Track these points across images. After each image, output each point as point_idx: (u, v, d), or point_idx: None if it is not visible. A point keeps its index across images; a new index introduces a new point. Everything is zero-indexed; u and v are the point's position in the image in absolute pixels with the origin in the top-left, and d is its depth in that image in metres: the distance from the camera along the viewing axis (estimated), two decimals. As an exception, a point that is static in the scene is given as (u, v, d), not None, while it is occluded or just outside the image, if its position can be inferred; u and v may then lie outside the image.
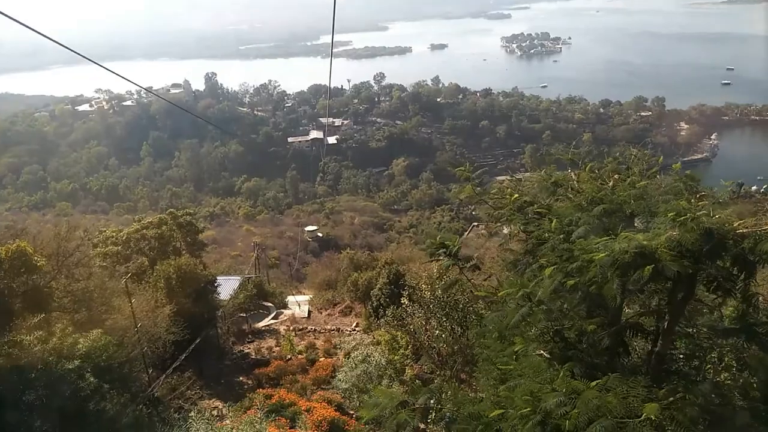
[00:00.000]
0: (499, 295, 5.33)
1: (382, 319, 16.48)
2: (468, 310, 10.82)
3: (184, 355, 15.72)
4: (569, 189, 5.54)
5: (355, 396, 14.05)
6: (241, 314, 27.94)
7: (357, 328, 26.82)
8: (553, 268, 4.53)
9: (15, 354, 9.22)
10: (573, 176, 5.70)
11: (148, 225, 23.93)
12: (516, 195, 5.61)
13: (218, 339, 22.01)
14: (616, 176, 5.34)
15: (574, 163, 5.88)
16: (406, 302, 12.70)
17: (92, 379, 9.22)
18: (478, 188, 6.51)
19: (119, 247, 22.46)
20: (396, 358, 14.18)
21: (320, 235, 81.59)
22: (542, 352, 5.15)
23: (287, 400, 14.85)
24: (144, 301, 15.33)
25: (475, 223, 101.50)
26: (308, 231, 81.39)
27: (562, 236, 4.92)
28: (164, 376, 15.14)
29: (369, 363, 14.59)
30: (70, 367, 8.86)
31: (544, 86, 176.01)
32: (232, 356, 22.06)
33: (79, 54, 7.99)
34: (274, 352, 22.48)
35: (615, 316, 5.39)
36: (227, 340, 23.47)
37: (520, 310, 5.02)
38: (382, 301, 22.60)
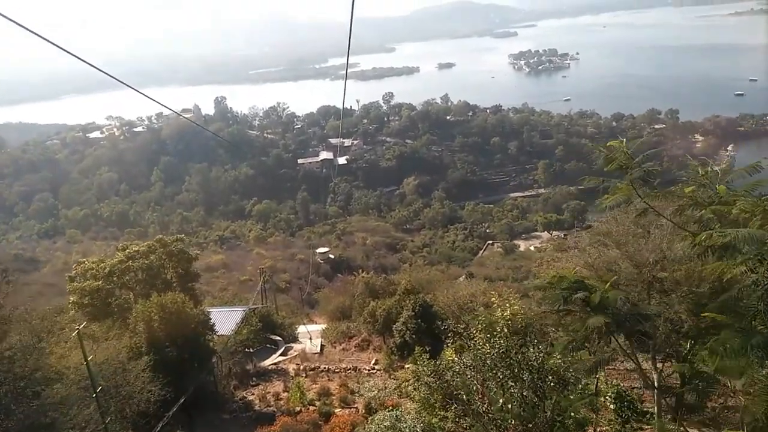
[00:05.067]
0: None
1: (408, 363, 13.24)
2: (545, 370, 7.65)
3: (165, 420, 12.55)
4: None
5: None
6: (248, 349, 24.84)
7: (376, 366, 23.57)
8: None
9: None
10: None
11: (134, 255, 21.05)
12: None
13: (216, 385, 18.83)
14: None
15: None
16: (453, 357, 9.57)
17: None
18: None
19: (100, 282, 19.54)
20: (435, 421, 10.95)
21: (332, 256, 78.67)
22: None
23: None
24: (114, 352, 12.26)
25: (490, 242, 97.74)
26: (320, 253, 78.62)
27: None
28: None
29: (399, 430, 11.37)
30: None
31: (568, 99, 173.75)
32: (232, 406, 18.83)
33: (106, 74, 7.53)
34: (281, 399, 19.25)
35: None
36: (227, 385, 20.29)
37: None
38: (407, 338, 19.35)
